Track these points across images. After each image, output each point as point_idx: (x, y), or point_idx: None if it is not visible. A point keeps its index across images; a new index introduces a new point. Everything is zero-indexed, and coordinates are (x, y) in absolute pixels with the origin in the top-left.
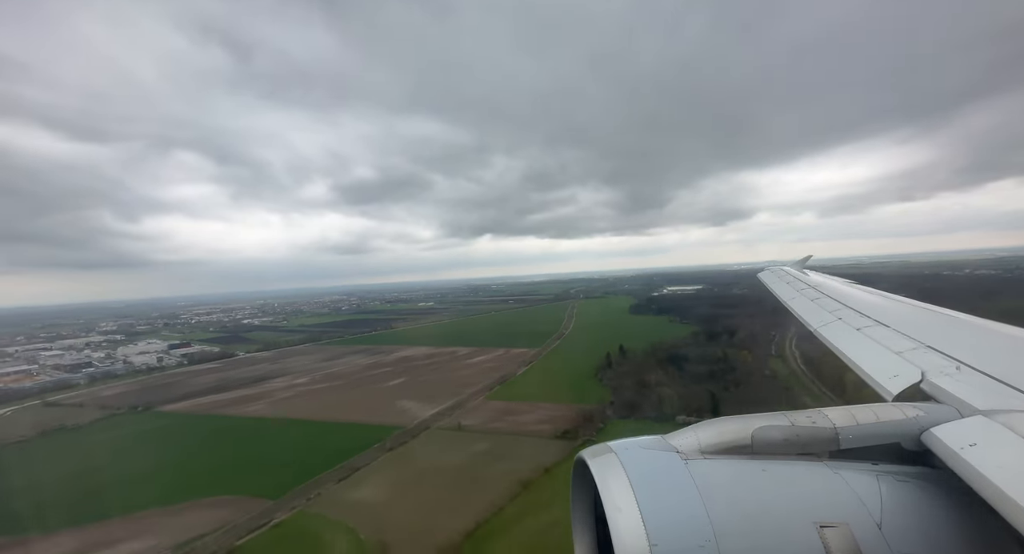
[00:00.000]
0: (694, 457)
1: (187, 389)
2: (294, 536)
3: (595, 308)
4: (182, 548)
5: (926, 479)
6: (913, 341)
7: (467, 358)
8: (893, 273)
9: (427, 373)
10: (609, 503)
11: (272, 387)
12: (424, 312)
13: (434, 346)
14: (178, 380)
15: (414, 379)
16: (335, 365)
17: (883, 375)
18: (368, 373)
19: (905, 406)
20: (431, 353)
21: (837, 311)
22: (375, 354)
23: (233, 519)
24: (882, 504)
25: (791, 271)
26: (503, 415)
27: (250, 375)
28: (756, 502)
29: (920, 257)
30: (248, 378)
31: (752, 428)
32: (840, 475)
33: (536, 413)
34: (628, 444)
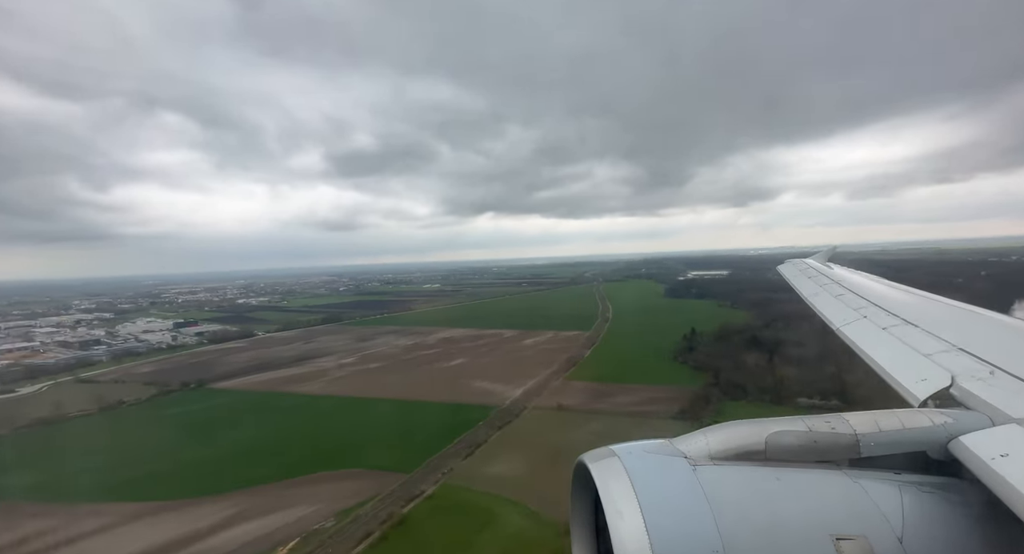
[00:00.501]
0: (703, 463)
1: (228, 367)
2: (453, 507)
3: (624, 292)
4: (348, 514)
5: (953, 490)
6: (943, 342)
7: (517, 340)
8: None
9: (484, 355)
10: (611, 509)
11: (321, 366)
12: (435, 294)
13: (475, 328)
14: (211, 358)
15: (474, 360)
16: (374, 345)
17: (910, 379)
18: (418, 354)
19: (933, 412)
20: (476, 334)
21: (862, 309)
22: (411, 335)
23: (379, 490)
24: (904, 516)
25: (813, 264)
26: (599, 396)
27: (288, 354)
28: (768, 512)
29: (954, 243)
30: (288, 357)
31: (766, 433)
32: (860, 484)
33: (633, 395)
34: (632, 448)
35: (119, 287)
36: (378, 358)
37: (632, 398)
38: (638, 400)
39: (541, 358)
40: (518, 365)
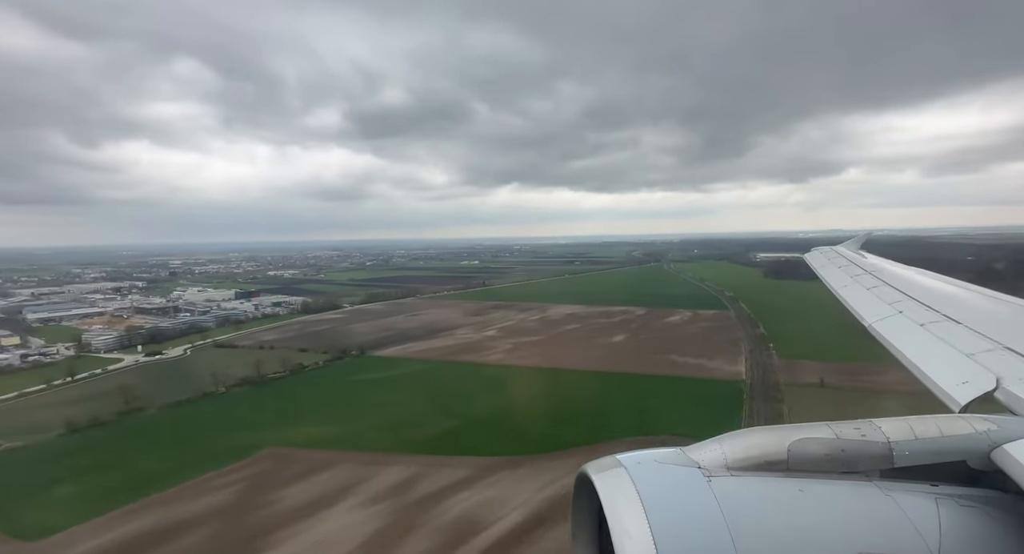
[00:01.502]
0: (719, 474)
1: (365, 337)
2: None
3: (708, 272)
4: None
5: (996, 504)
6: (989, 341)
7: (658, 318)
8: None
9: (640, 331)
10: (616, 526)
11: (466, 338)
12: (484, 271)
13: (590, 305)
14: (329, 328)
15: (636, 336)
16: (496, 319)
17: (950, 381)
18: (563, 328)
19: (975, 418)
20: (602, 311)
21: (898, 303)
22: (523, 311)
23: None
24: (941, 532)
25: (844, 252)
26: (852, 375)
27: (411, 326)
28: (790, 527)
29: None
30: (417, 329)
31: (789, 441)
32: (892, 498)
33: (888, 375)
34: (640, 457)
35: (95, 258)
36: (521, 331)
37: (891, 378)
38: (897, 380)
39: (712, 335)
40: (698, 342)
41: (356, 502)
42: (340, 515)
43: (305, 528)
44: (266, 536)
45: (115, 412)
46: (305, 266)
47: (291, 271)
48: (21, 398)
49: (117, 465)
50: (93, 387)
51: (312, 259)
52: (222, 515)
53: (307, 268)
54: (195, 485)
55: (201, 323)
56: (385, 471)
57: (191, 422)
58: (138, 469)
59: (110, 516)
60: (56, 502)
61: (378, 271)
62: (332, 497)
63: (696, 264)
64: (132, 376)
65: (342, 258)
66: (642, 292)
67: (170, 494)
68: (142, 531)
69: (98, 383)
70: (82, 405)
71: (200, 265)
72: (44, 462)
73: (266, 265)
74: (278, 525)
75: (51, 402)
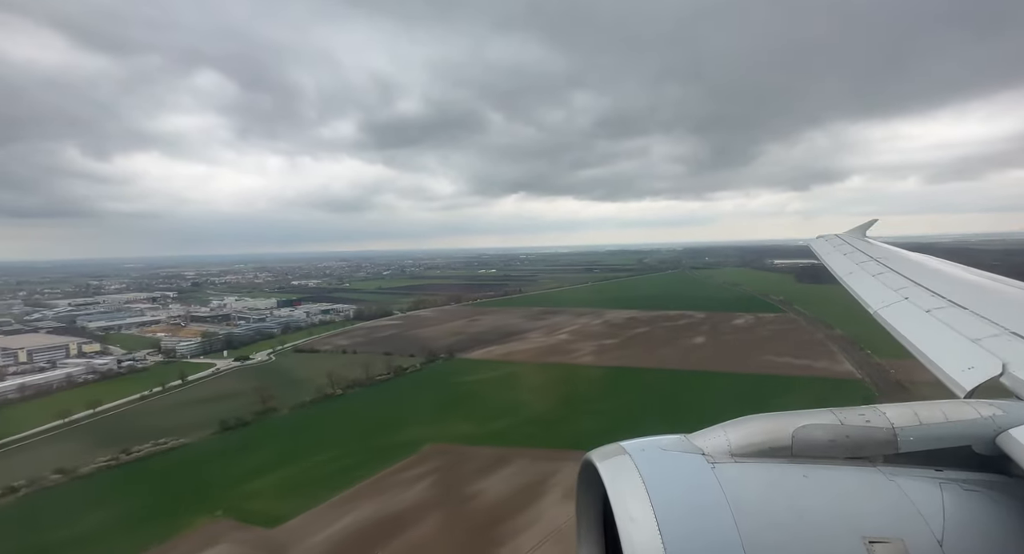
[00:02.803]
0: (723, 460)
1: (438, 342)
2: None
3: (736, 278)
4: None
5: (1000, 489)
6: (995, 326)
7: (723, 322)
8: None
9: (716, 334)
10: (621, 512)
11: (542, 342)
12: (507, 279)
13: (645, 310)
14: (394, 333)
15: (716, 339)
16: (558, 323)
17: (955, 367)
18: (636, 331)
19: (980, 403)
20: (660, 316)
21: (903, 289)
22: (580, 315)
23: None
24: (945, 517)
25: (849, 239)
26: None
27: (477, 330)
28: (794, 513)
29: None
30: (485, 333)
31: (793, 427)
32: (896, 482)
33: None
34: (644, 444)
35: (101, 270)
36: (593, 335)
37: None
38: None
39: (792, 337)
40: (784, 343)
41: (561, 494)
42: (555, 506)
43: (531, 519)
44: (496, 526)
45: (252, 412)
46: (321, 276)
47: (313, 281)
48: (146, 401)
49: (296, 460)
50: (208, 389)
51: (327, 269)
52: (436, 507)
53: (325, 278)
54: (384, 479)
55: (267, 330)
56: (565, 466)
57: (333, 421)
58: (319, 463)
59: (328, 505)
60: (265, 493)
61: (399, 280)
62: (534, 489)
63: (717, 270)
64: (238, 379)
65: (354, 268)
66: (687, 296)
67: (366, 487)
68: (368, 519)
69: (209, 386)
70: (214, 406)
71: (215, 276)
72: (221, 457)
73: (281, 276)
74: (500, 516)
75: (180, 403)
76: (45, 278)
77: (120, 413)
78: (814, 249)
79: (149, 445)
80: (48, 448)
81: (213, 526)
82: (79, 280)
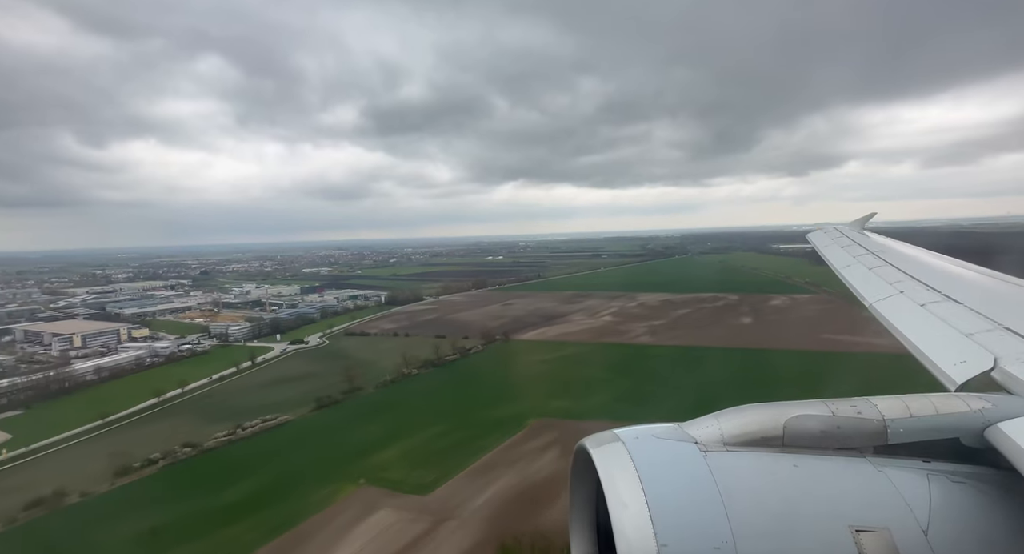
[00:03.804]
0: (715, 449)
1: (485, 325)
2: None
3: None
4: None
5: (986, 480)
6: (988, 321)
7: (761, 303)
8: None
9: (760, 314)
10: (613, 498)
11: (589, 323)
12: (518, 266)
13: (675, 293)
14: (436, 317)
15: (762, 318)
16: (592, 307)
17: (947, 361)
18: (678, 313)
19: (970, 397)
20: (694, 299)
21: (899, 282)
22: (613, 299)
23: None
24: (931, 507)
25: (848, 232)
26: None
27: (516, 314)
28: (783, 501)
29: None
30: (525, 316)
31: (785, 417)
32: (884, 473)
33: None
34: (638, 432)
35: (95, 260)
36: (636, 316)
37: None
38: None
39: (839, 316)
40: (833, 322)
41: None
42: None
43: None
44: None
45: (339, 391)
46: (327, 265)
47: (323, 269)
48: (226, 381)
49: (407, 434)
50: (281, 370)
51: (330, 258)
52: None
53: (332, 266)
54: (509, 450)
55: (307, 314)
56: None
57: (422, 398)
58: (432, 438)
59: (467, 475)
60: (396, 464)
61: (410, 268)
62: None
63: (724, 255)
64: (305, 361)
65: (357, 257)
66: (711, 280)
67: (495, 458)
68: (516, 486)
69: (280, 367)
70: (296, 385)
71: (220, 265)
72: (333, 432)
73: (287, 264)
74: None
75: (262, 383)
76: (44, 268)
77: (207, 392)
78: (812, 241)
79: (258, 421)
80: (159, 424)
81: (363, 493)
82: (80, 269)
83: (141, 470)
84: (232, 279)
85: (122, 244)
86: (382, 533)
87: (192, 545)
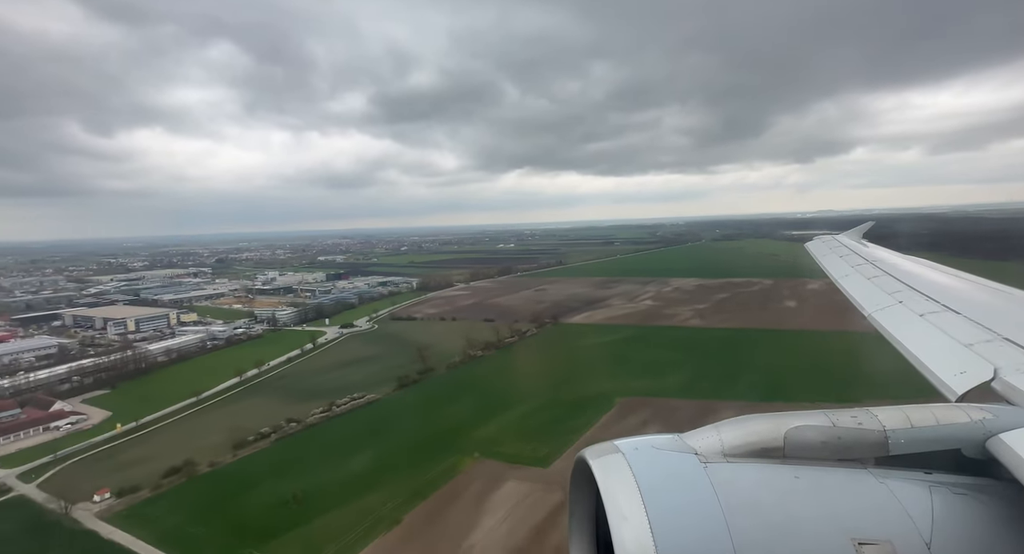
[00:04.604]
0: (715, 460)
1: (529, 308)
2: None
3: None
4: None
5: (989, 492)
6: (988, 331)
7: (800, 286)
8: None
9: (804, 297)
10: (613, 510)
11: (631, 308)
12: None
13: (705, 278)
14: (478, 302)
15: (805, 303)
16: (627, 291)
17: (947, 371)
18: (718, 296)
19: (971, 407)
20: (727, 283)
21: (898, 293)
22: (644, 284)
23: None
24: (933, 519)
25: (846, 242)
26: None
27: (556, 298)
28: (784, 513)
29: None
30: (567, 300)
31: (785, 428)
32: (886, 485)
33: None
34: (638, 443)
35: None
36: (676, 300)
37: None
38: None
39: None
40: None
41: None
42: None
43: None
44: None
45: (415, 371)
46: (338, 253)
47: (338, 257)
48: (295, 362)
49: (499, 412)
50: (344, 353)
51: (340, 246)
52: None
53: (344, 254)
54: (609, 426)
55: (345, 300)
56: None
57: (498, 377)
58: (526, 414)
59: (577, 449)
60: (503, 439)
61: (425, 256)
62: None
63: (739, 242)
64: (362, 344)
65: (365, 245)
66: (738, 265)
67: (599, 433)
68: None
69: (341, 350)
70: (365, 366)
71: (232, 253)
72: (424, 409)
73: (299, 253)
74: None
75: (331, 364)
76: (54, 257)
77: (282, 373)
78: (810, 250)
79: (348, 399)
80: (249, 401)
81: (483, 466)
82: (91, 258)
83: (255, 443)
84: (249, 267)
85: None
86: (521, 502)
87: (337, 512)
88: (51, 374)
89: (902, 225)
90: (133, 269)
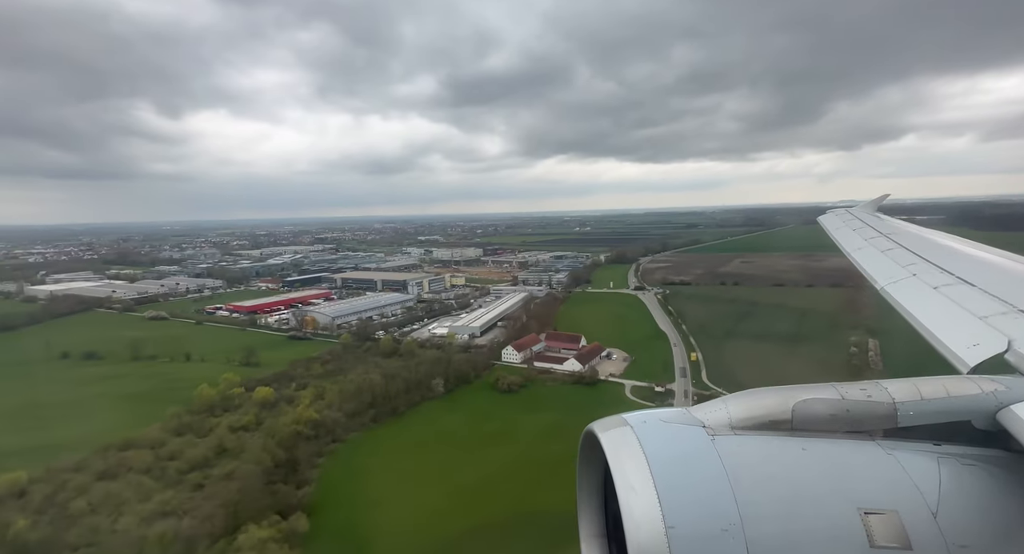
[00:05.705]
0: (723, 433)
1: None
2: None
3: None
4: None
5: (997, 463)
6: (1003, 303)
7: None
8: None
9: None
10: (622, 483)
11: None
12: (638, 235)
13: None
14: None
15: None
16: (801, 265)
17: (960, 343)
18: None
19: (982, 379)
20: None
21: (912, 265)
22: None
23: None
24: (940, 490)
25: (860, 215)
26: None
27: (789, 268)
28: (791, 483)
29: None
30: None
31: (793, 401)
32: (894, 456)
33: None
34: (646, 416)
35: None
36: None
37: None
38: None
39: None
40: None
41: None
42: None
43: None
44: None
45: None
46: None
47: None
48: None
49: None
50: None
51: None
52: None
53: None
54: None
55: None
56: None
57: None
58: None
59: None
60: None
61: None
62: None
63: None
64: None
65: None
66: None
67: None
68: None
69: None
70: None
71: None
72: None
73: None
74: None
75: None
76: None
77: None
78: (823, 223)
79: None
80: None
81: None
82: (174, 240)
83: None
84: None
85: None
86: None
87: None
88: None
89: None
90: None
